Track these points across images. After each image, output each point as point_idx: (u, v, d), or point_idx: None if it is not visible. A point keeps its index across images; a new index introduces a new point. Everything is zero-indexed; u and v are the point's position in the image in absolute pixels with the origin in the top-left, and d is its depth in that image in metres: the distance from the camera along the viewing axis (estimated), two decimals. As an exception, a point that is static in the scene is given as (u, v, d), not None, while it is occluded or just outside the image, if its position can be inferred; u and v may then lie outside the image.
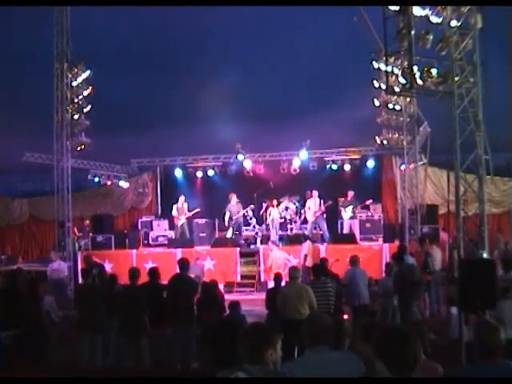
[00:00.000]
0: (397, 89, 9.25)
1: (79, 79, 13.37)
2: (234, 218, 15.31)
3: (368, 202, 15.65)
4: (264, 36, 13.31)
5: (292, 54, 13.61)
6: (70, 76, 13.29)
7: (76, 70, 13.34)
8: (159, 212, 19.06)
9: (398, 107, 13.95)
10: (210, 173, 18.33)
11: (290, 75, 14.02)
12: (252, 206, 15.63)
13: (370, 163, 17.45)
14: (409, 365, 2.44)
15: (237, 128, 15.05)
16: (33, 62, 13.06)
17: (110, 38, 12.41)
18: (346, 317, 6.81)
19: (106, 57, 12.97)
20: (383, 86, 12.60)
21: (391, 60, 9.64)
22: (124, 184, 18.64)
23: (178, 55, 13.49)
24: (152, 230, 16.92)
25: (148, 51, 13.31)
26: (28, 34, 12.40)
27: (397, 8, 7.53)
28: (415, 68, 7.43)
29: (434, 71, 7.62)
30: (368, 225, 15.14)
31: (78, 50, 13.09)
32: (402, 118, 14.22)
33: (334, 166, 17.65)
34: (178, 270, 7.64)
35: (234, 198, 15.35)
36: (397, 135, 14.75)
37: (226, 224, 15.32)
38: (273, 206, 15.20)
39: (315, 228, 15.53)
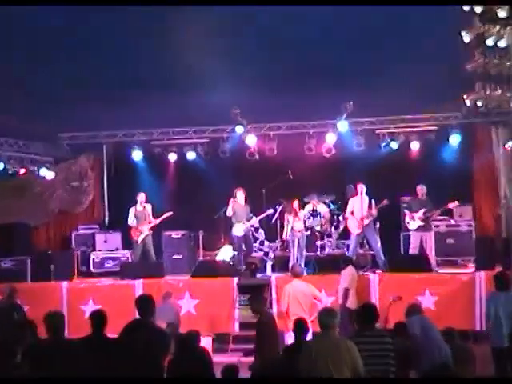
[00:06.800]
0: (502, 13, 9.09)
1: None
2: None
3: (451, 206, 15.43)
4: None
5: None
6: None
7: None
8: (106, 219, 19.36)
9: (502, 44, 13.72)
10: (191, 155, 18.47)
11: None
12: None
13: (454, 139, 17.35)
14: None
15: (234, 85, 15.07)
16: None
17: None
18: None
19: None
20: (477, 10, 12.71)
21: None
22: (48, 173, 18.52)
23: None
24: (95, 249, 17.29)
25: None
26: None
27: None
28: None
29: None
30: (450, 240, 15.61)
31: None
32: (508, 63, 14.11)
33: (394, 145, 17.70)
34: (136, 316, 7.75)
35: (240, 195, 15.78)
36: (499, 91, 14.65)
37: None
38: (293, 211, 15.12)
39: (362, 245, 15.91)
